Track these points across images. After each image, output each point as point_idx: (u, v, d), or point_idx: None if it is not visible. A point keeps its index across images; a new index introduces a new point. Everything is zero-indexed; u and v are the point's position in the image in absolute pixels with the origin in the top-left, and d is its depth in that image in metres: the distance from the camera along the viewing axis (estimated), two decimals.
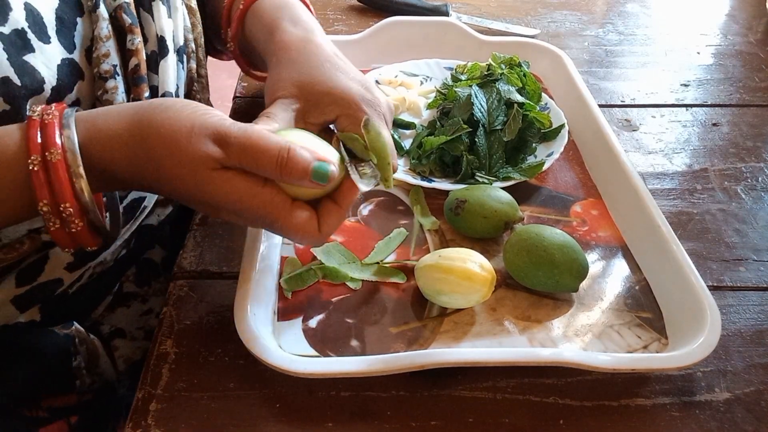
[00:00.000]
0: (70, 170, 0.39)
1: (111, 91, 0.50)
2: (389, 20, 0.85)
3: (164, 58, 0.54)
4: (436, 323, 0.52)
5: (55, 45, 0.47)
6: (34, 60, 0.45)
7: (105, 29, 0.50)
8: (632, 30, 1.00)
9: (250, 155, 0.41)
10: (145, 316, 0.62)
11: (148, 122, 0.41)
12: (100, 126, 0.42)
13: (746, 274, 0.58)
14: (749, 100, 0.83)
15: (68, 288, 0.53)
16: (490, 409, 0.47)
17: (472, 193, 0.58)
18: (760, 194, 0.68)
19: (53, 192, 0.39)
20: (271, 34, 0.55)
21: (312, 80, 0.50)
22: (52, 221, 0.40)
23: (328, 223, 0.45)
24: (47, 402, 0.54)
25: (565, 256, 0.52)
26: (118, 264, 0.59)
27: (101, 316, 0.60)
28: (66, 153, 0.40)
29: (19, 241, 0.48)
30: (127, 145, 0.41)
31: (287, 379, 0.46)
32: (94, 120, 0.42)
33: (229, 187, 0.42)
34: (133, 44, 0.51)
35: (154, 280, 0.63)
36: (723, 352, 0.51)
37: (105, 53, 0.49)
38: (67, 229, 0.41)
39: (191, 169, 0.41)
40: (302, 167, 0.42)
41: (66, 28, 0.48)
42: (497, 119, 0.66)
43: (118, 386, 0.59)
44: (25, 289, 0.50)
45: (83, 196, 0.40)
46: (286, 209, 0.43)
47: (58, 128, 0.40)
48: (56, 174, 0.39)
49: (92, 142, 0.41)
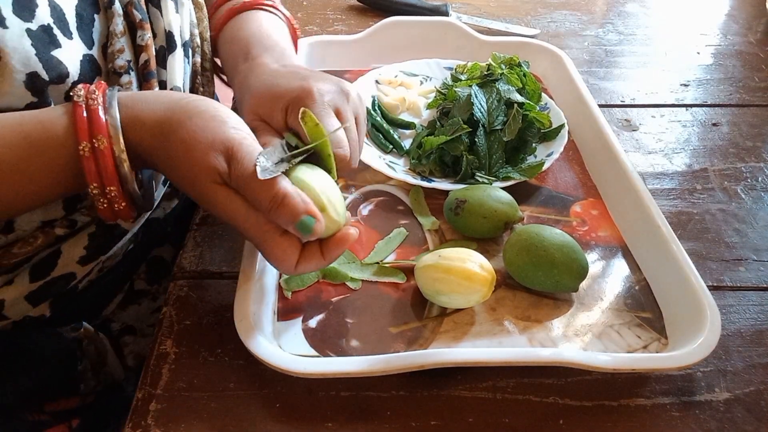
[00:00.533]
0: (115, 156, 0.43)
1: (126, 86, 0.50)
2: (389, 20, 0.85)
3: (172, 53, 0.54)
4: (435, 323, 0.52)
5: (76, 41, 0.48)
6: (61, 55, 0.46)
7: (120, 25, 0.50)
8: (632, 30, 1.00)
9: (249, 184, 0.43)
10: (156, 313, 0.62)
11: (177, 123, 0.44)
12: (137, 112, 0.45)
13: (746, 274, 0.58)
14: (749, 100, 0.83)
15: (78, 283, 0.53)
16: (490, 409, 0.47)
17: (472, 193, 0.58)
18: (760, 194, 0.68)
19: (101, 177, 0.43)
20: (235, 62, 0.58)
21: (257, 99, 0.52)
22: (100, 201, 0.44)
23: (305, 264, 0.46)
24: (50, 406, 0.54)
25: (565, 256, 0.52)
26: (128, 259, 0.59)
27: (112, 313, 0.60)
28: (111, 139, 0.43)
29: (33, 236, 0.49)
30: (154, 136, 0.44)
31: (287, 379, 0.46)
32: (134, 104, 0.45)
33: (227, 203, 0.44)
34: (143, 40, 0.52)
35: (165, 278, 0.64)
36: (723, 352, 0.52)
37: (120, 49, 0.50)
38: (112, 207, 0.45)
39: (197, 178, 0.43)
40: (291, 215, 0.42)
41: (85, 24, 0.49)
42: (497, 119, 0.66)
43: (126, 384, 0.59)
44: (38, 285, 0.50)
45: (127, 180, 0.44)
46: (275, 235, 0.44)
47: (103, 113, 0.43)
48: (104, 161, 0.42)
49: (129, 125, 0.44)
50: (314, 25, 0.97)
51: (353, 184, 0.66)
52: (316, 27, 0.97)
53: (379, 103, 0.74)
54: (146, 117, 0.44)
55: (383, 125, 0.71)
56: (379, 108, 0.73)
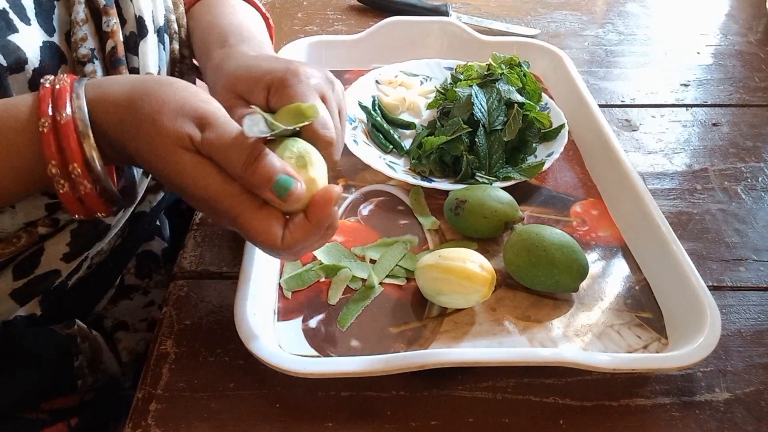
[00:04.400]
0: (78, 130, 0.40)
1: (90, 75, 0.49)
2: (389, 20, 0.85)
3: (144, 39, 0.53)
4: (436, 323, 0.52)
5: (35, 27, 0.47)
6: (18, 40, 0.45)
7: (81, 13, 0.49)
8: (632, 30, 1.00)
9: (223, 146, 0.40)
10: (148, 308, 0.62)
11: (144, 91, 0.41)
12: (105, 90, 0.42)
13: (746, 274, 0.58)
14: (749, 100, 0.83)
15: (67, 279, 0.53)
16: (490, 409, 0.47)
17: (472, 193, 0.58)
18: (760, 194, 0.68)
19: (62, 153, 0.40)
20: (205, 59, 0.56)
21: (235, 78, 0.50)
22: (60, 183, 0.40)
23: (292, 235, 0.41)
24: (48, 404, 0.54)
25: (565, 256, 0.52)
26: (116, 255, 0.59)
27: (104, 309, 0.60)
28: (75, 117, 0.40)
29: (16, 236, 0.48)
30: (121, 107, 0.41)
31: (287, 379, 0.46)
32: (101, 83, 0.43)
33: (199, 171, 0.40)
34: (108, 26, 0.51)
35: (155, 272, 0.63)
36: (723, 352, 0.52)
37: (82, 37, 0.49)
38: (76, 192, 0.41)
39: (165, 144, 0.40)
40: (267, 173, 0.39)
41: (44, 11, 0.48)
42: (497, 119, 0.66)
43: (123, 380, 0.59)
44: (22, 282, 0.50)
45: (91, 157, 0.40)
46: (253, 206, 0.41)
47: (69, 94, 0.41)
48: (65, 135, 0.39)
49: (96, 105, 0.41)
50: (314, 25, 0.97)
51: (353, 184, 0.66)
52: (316, 27, 0.97)
53: (379, 103, 0.74)
54: (114, 93, 0.42)
55: (383, 125, 0.71)
56: (379, 108, 0.73)
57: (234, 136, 0.40)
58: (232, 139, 0.40)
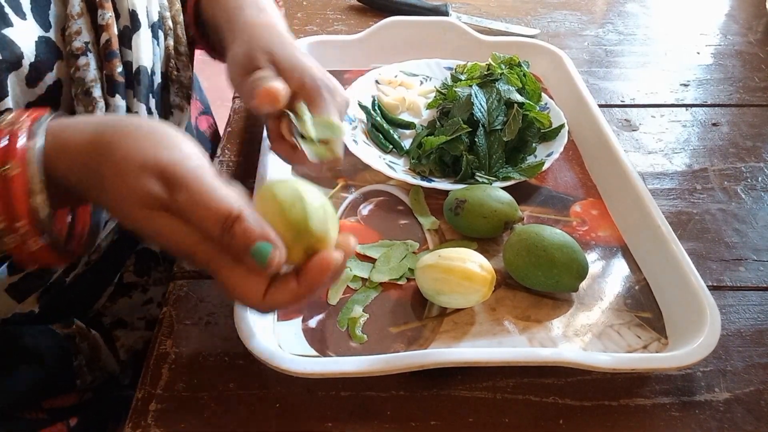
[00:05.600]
0: (27, 186, 0.37)
1: (83, 68, 0.50)
2: (389, 20, 0.85)
3: (137, 32, 0.54)
4: (435, 323, 0.52)
5: (30, 22, 0.47)
6: (13, 34, 0.45)
7: (77, 7, 0.50)
8: (632, 30, 1.00)
9: (196, 209, 0.37)
10: (146, 306, 0.62)
11: (107, 142, 0.39)
12: (67, 136, 0.39)
13: (746, 274, 0.58)
14: (749, 100, 0.83)
15: (64, 276, 0.53)
16: (490, 409, 0.47)
17: (471, 193, 0.58)
18: (760, 194, 0.68)
19: (8, 209, 0.37)
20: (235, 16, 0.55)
21: (281, 54, 0.51)
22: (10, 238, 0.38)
23: (276, 296, 0.39)
24: (47, 403, 0.54)
25: (565, 256, 0.52)
26: (113, 252, 0.59)
27: (103, 307, 0.60)
28: (27, 166, 0.37)
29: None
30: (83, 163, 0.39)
31: (287, 379, 0.46)
32: (62, 131, 0.40)
33: (171, 230, 0.38)
34: (103, 19, 0.51)
35: (154, 270, 0.63)
36: (723, 352, 0.52)
37: (77, 31, 0.50)
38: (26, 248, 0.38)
39: (129, 203, 0.38)
40: (245, 241, 0.37)
41: (40, 6, 0.48)
42: (497, 119, 0.66)
43: (121, 378, 0.59)
44: (18, 277, 0.50)
45: (39, 214, 0.38)
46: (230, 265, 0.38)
47: (26, 138, 0.38)
48: (13, 190, 0.37)
49: (57, 152, 0.39)
50: (314, 25, 0.97)
51: (353, 184, 0.66)
52: (316, 27, 0.97)
53: (379, 103, 0.74)
54: (76, 139, 0.39)
55: (383, 125, 0.71)
56: (379, 108, 0.73)
57: (207, 198, 0.37)
58: (204, 204, 0.37)
